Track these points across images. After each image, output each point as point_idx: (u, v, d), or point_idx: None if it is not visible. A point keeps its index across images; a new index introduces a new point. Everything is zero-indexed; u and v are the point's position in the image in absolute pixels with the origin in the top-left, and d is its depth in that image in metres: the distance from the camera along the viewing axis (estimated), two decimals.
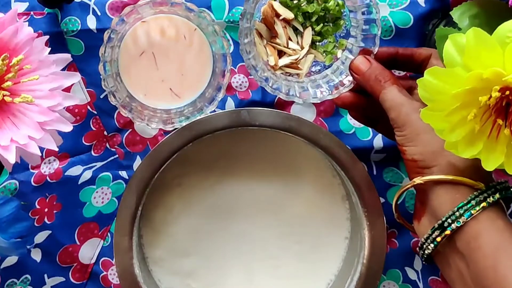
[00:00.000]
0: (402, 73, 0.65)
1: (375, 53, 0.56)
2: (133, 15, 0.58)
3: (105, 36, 0.56)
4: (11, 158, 0.39)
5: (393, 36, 0.64)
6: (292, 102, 0.65)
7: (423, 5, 0.64)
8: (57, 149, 0.42)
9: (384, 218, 0.59)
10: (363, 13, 0.57)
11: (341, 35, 0.60)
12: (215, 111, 0.60)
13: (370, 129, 0.65)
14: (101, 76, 0.57)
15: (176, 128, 0.58)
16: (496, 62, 0.42)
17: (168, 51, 0.60)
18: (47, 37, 0.43)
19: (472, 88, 0.43)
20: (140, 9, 0.58)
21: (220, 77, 0.60)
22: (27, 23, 0.42)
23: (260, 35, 0.60)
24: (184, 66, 0.60)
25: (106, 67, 0.57)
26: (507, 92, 0.42)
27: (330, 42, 0.60)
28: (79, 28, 0.63)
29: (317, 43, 0.60)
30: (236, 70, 0.64)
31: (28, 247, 0.64)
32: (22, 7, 0.63)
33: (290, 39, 0.60)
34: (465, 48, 0.43)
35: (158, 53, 0.60)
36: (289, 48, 0.60)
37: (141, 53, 0.59)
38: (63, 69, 0.44)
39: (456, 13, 0.55)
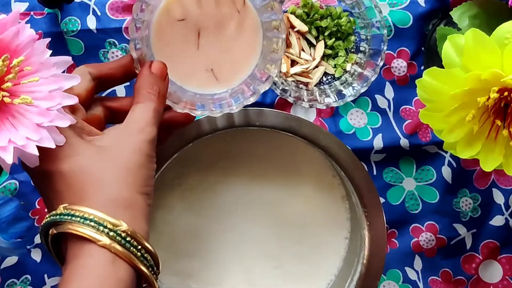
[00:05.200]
0: (402, 74, 0.65)
1: (380, 65, 0.60)
2: None
3: (135, 7, 0.47)
4: (9, 158, 0.39)
5: (392, 36, 0.64)
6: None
7: (423, 5, 0.64)
8: (54, 146, 0.41)
9: (384, 218, 0.59)
10: (372, 30, 0.61)
11: (351, 49, 0.64)
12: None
13: (370, 129, 0.65)
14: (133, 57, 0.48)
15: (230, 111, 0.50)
16: (494, 63, 0.43)
17: (211, 26, 0.50)
18: (48, 39, 0.43)
19: (471, 89, 0.43)
20: None
21: (274, 51, 0.50)
22: (29, 24, 0.42)
23: None
24: (230, 43, 0.51)
25: (138, 46, 0.48)
26: (506, 93, 0.42)
27: (341, 56, 0.64)
28: (79, 28, 0.63)
29: (329, 56, 0.64)
30: None
31: (28, 247, 0.64)
32: (22, 7, 0.63)
33: (303, 50, 0.64)
34: (464, 49, 0.44)
35: (200, 29, 0.50)
36: (301, 58, 0.63)
37: (179, 27, 0.50)
38: (63, 71, 0.44)
39: (456, 13, 0.55)
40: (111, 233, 0.38)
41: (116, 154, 0.41)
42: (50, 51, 0.42)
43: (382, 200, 0.64)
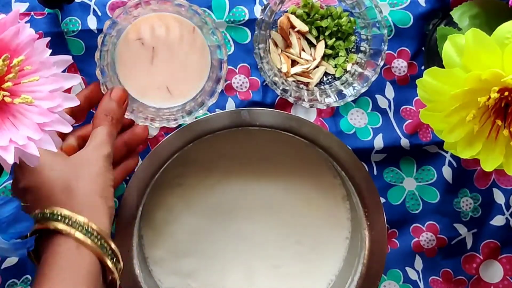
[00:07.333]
0: (403, 73, 0.65)
1: (381, 65, 0.60)
2: (126, 15, 0.58)
3: (99, 40, 0.57)
4: (10, 158, 0.39)
5: (392, 36, 0.64)
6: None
7: (424, 4, 0.64)
8: (56, 150, 0.42)
9: (385, 218, 0.59)
10: (373, 30, 0.61)
11: (352, 49, 0.64)
12: (216, 111, 0.60)
13: (370, 129, 0.65)
14: (100, 81, 0.57)
15: (180, 125, 0.58)
16: (495, 63, 0.43)
17: (166, 50, 0.60)
18: (48, 38, 0.43)
19: (471, 89, 0.43)
20: (131, 10, 0.57)
21: (218, 69, 0.60)
22: (28, 24, 0.42)
23: (275, 44, 0.63)
24: (182, 64, 0.60)
25: (104, 72, 0.57)
26: (506, 93, 0.42)
27: (341, 56, 0.64)
28: (79, 29, 0.63)
29: (329, 56, 0.64)
30: (236, 70, 0.64)
31: (28, 247, 0.64)
32: (22, 7, 0.63)
33: (303, 50, 0.64)
34: (464, 49, 0.44)
35: (155, 52, 0.60)
36: (302, 58, 0.63)
37: (139, 53, 0.59)
38: (63, 70, 0.44)
39: (456, 13, 0.55)
40: (74, 225, 0.47)
41: (79, 166, 0.51)
42: (50, 50, 0.42)
43: (382, 200, 0.64)
